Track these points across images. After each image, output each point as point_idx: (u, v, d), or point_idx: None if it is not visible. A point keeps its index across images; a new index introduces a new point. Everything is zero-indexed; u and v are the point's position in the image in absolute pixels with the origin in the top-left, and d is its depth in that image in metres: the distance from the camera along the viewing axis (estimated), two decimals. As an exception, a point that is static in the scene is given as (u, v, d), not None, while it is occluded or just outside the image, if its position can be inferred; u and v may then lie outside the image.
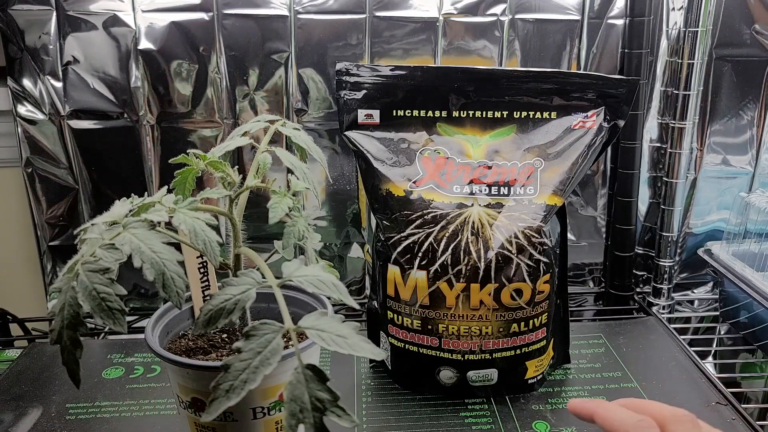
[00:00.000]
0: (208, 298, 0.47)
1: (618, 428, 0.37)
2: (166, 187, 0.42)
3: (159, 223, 0.36)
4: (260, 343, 0.33)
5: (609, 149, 0.76)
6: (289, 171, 0.45)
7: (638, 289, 0.86)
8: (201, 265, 0.48)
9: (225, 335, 0.47)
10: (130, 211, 0.37)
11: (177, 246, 0.37)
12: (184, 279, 0.35)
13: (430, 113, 0.61)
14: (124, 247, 0.34)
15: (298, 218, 0.45)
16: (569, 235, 0.82)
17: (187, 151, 0.43)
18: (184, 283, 0.35)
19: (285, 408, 0.31)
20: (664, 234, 0.80)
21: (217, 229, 0.38)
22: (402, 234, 0.56)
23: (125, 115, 0.74)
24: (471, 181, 0.58)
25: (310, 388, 0.31)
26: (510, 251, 0.55)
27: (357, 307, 0.39)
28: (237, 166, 0.43)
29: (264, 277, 0.37)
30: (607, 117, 0.61)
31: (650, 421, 0.36)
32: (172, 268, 0.35)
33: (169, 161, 0.44)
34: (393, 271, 0.57)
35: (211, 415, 0.31)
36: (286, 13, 0.72)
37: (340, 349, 0.33)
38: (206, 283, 0.48)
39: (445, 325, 0.56)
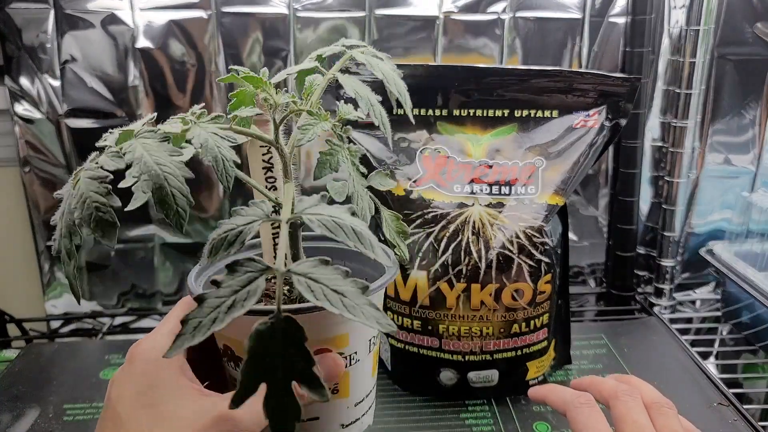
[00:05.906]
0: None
1: (560, 406, 0.42)
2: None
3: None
4: (240, 281, 0.28)
5: (610, 148, 0.76)
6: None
7: (640, 290, 0.86)
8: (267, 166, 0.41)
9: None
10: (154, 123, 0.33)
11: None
12: (189, 199, 0.31)
13: (430, 112, 0.60)
14: (126, 156, 0.31)
15: (340, 149, 0.39)
16: (570, 235, 0.82)
17: (230, 67, 0.39)
18: (188, 203, 0.31)
19: (246, 363, 0.26)
20: (665, 234, 0.80)
21: (237, 149, 0.34)
22: (402, 234, 0.56)
23: (123, 114, 0.74)
24: (472, 181, 0.58)
25: (284, 346, 0.27)
26: (511, 251, 0.54)
27: (387, 263, 0.35)
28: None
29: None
30: (609, 116, 0.60)
31: (587, 396, 0.41)
32: (174, 184, 0.30)
33: (217, 80, 0.40)
34: (393, 271, 0.56)
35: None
36: (285, 11, 0.72)
37: (331, 306, 0.27)
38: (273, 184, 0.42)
39: (445, 326, 0.55)
